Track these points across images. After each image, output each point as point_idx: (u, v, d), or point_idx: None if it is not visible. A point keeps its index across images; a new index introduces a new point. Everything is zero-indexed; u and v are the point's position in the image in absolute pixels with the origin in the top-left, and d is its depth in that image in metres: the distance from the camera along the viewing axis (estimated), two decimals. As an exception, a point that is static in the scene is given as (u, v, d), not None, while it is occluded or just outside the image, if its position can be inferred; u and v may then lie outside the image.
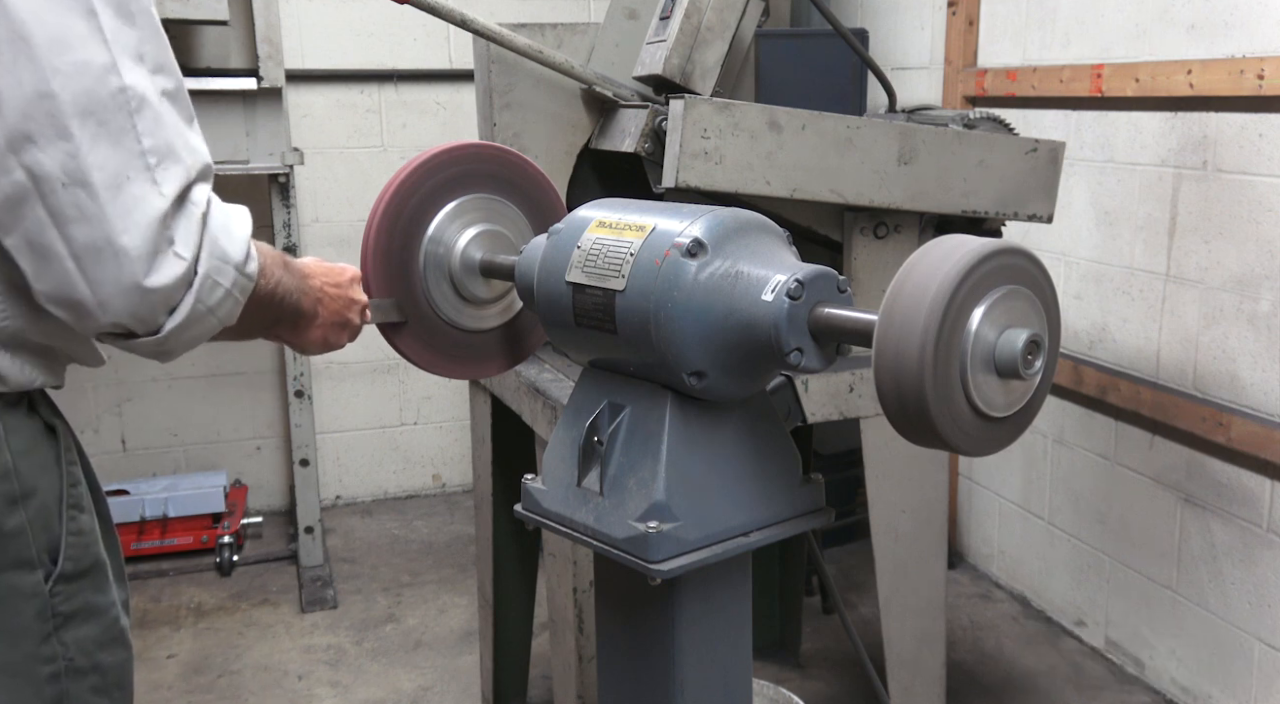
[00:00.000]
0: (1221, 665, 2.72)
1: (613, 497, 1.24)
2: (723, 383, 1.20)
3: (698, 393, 1.21)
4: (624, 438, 1.25)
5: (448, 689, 3.04)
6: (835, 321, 1.12)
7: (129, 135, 1.01)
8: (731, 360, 1.19)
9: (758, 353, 1.16)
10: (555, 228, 1.34)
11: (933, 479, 2.36)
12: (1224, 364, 2.61)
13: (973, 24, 3.40)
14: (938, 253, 1.03)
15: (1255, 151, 2.49)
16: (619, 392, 1.28)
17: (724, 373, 1.19)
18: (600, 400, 1.29)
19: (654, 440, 1.22)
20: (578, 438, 1.29)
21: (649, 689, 1.30)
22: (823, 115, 2.02)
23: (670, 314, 1.16)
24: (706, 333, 1.17)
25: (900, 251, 2.18)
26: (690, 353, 1.17)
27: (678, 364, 1.18)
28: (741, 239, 1.19)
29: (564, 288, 1.28)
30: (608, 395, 1.29)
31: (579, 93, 2.28)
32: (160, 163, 1.03)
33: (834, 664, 3.10)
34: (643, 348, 1.21)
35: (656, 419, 1.23)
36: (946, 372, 1.01)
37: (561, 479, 1.31)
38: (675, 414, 1.22)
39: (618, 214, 1.28)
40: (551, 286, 1.30)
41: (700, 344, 1.17)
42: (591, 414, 1.28)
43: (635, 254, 1.21)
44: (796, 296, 1.12)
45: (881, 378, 1.03)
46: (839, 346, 1.16)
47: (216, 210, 1.10)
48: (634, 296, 1.19)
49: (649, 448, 1.22)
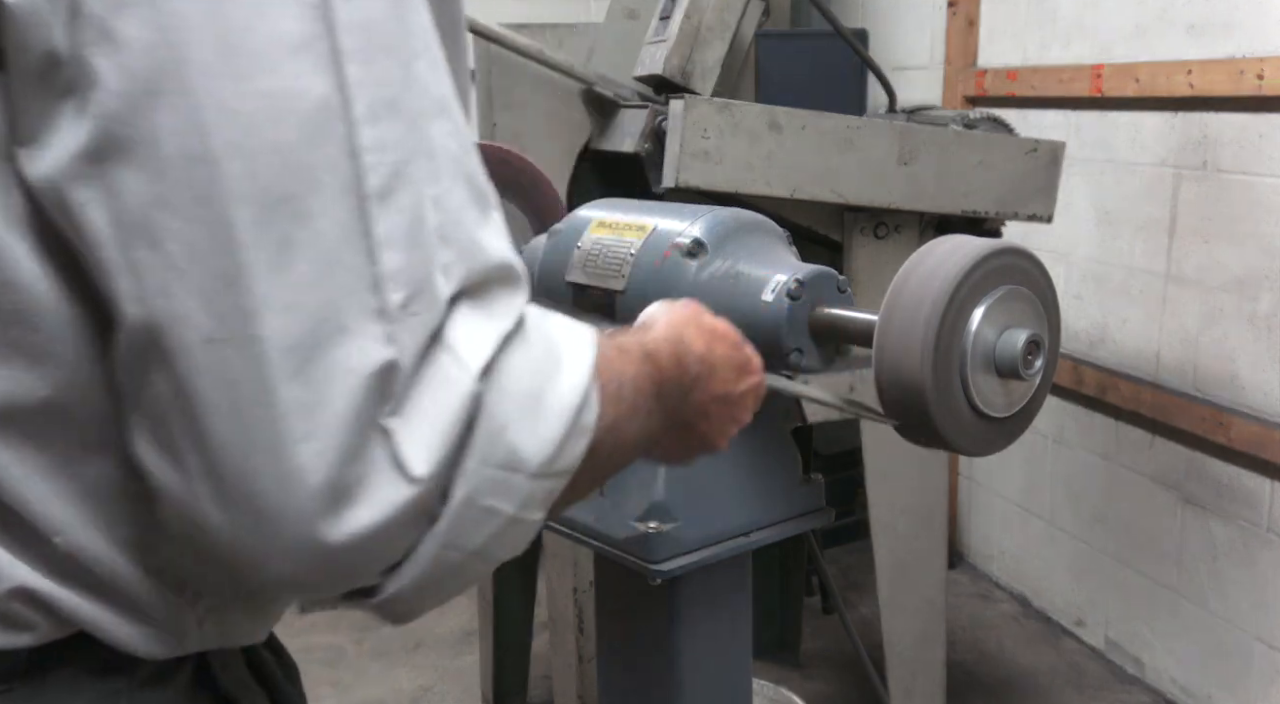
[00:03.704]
0: (1221, 665, 2.71)
1: (613, 496, 1.24)
2: (723, 383, 1.20)
3: (698, 393, 1.21)
4: (624, 438, 1.25)
5: (448, 689, 3.04)
6: (835, 322, 1.12)
7: (355, 247, 0.54)
8: (731, 360, 1.18)
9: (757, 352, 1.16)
10: (555, 228, 1.34)
11: (933, 479, 2.36)
12: (1224, 364, 2.61)
13: (973, 24, 3.40)
14: (938, 253, 1.03)
15: (1255, 151, 2.49)
16: (619, 392, 1.28)
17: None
18: (600, 400, 1.29)
19: (654, 440, 1.22)
20: (578, 438, 1.29)
21: (649, 689, 1.30)
22: (823, 115, 2.02)
23: (670, 314, 1.16)
24: (706, 333, 1.17)
25: (900, 251, 2.18)
26: (690, 353, 1.17)
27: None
28: (741, 239, 1.19)
29: (564, 288, 1.28)
30: (608, 395, 1.29)
31: (579, 93, 2.28)
32: (411, 299, 0.55)
33: (834, 664, 3.10)
34: (643, 348, 1.20)
35: (656, 419, 1.23)
36: (946, 371, 1.01)
37: (561, 479, 1.31)
38: (675, 414, 1.22)
39: (618, 214, 1.28)
40: (552, 287, 1.30)
41: (700, 344, 1.17)
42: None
43: (635, 254, 1.21)
44: (797, 297, 1.12)
45: (881, 378, 1.03)
46: (839, 347, 1.16)
47: (514, 362, 0.60)
48: (634, 297, 1.19)
49: (649, 448, 1.22)
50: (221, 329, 0.52)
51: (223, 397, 0.53)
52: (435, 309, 0.56)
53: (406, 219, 0.55)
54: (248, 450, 0.53)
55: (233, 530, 0.55)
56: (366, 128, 0.54)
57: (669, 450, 0.90)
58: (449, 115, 0.58)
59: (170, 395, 0.54)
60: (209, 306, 0.52)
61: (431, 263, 0.56)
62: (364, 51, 0.54)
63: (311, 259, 0.53)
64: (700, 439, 0.89)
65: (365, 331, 0.54)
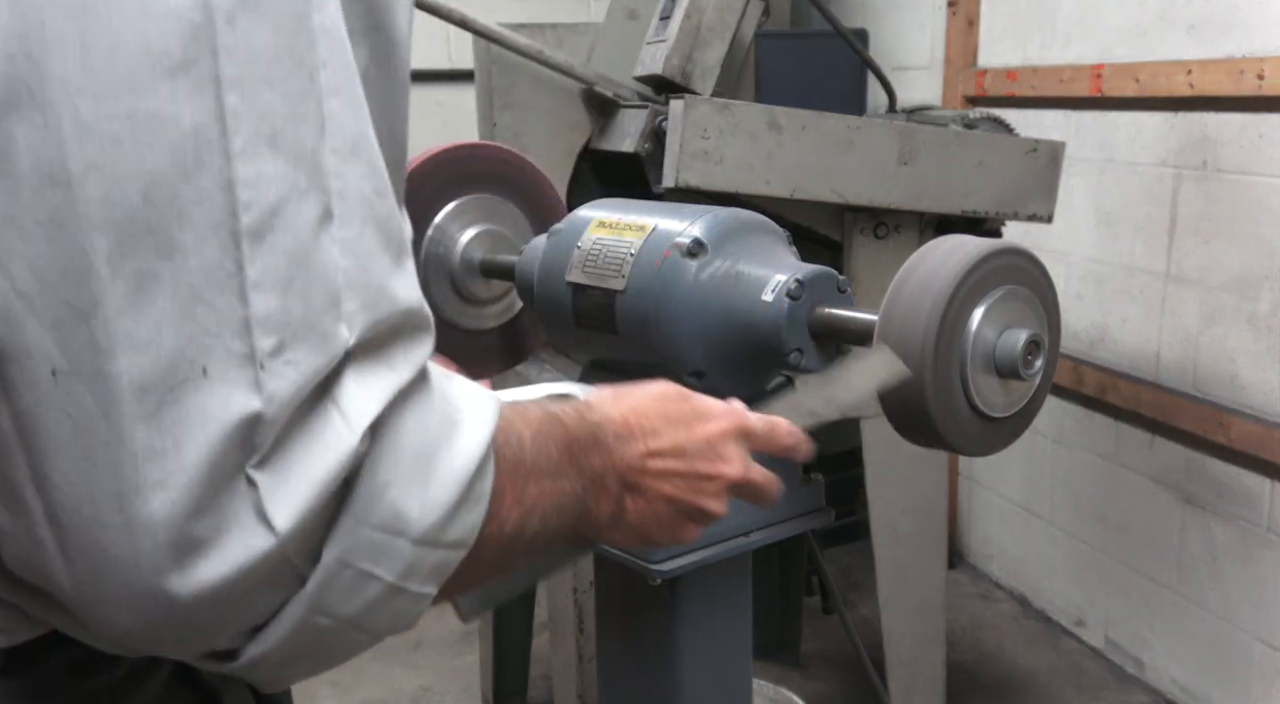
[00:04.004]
0: (1221, 665, 2.72)
1: (613, 497, 1.24)
2: (723, 383, 1.20)
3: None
4: (624, 438, 1.25)
5: (448, 689, 3.04)
6: (835, 322, 1.12)
7: (222, 287, 0.50)
8: (731, 360, 1.18)
9: (758, 353, 1.16)
10: (555, 228, 1.34)
11: (933, 479, 2.36)
12: (1224, 364, 2.61)
13: (973, 24, 3.40)
14: (938, 253, 1.03)
15: (1255, 151, 2.49)
16: (619, 392, 1.28)
17: (724, 373, 1.19)
18: (600, 400, 1.29)
19: (654, 440, 1.22)
20: (578, 438, 1.29)
21: (649, 689, 1.30)
22: (823, 115, 2.02)
23: (670, 314, 1.16)
24: (706, 333, 1.17)
25: (900, 251, 2.18)
26: (690, 353, 1.17)
27: (678, 364, 1.18)
28: (741, 239, 1.19)
29: (564, 288, 1.28)
30: (608, 395, 1.29)
31: (579, 93, 2.28)
32: (284, 346, 0.52)
33: (834, 664, 3.10)
34: (643, 348, 1.20)
35: (656, 419, 1.23)
36: (946, 371, 1.01)
37: (561, 479, 1.31)
38: (675, 414, 1.22)
39: (618, 214, 1.28)
40: (551, 287, 1.30)
41: (700, 344, 1.17)
42: (591, 414, 1.28)
43: (635, 254, 1.21)
44: (797, 297, 1.12)
45: (881, 378, 1.03)
46: (839, 347, 1.16)
47: (407, 421, 0.57)
48: (634, 297, 1.19)
49: (649, 448, 1.22)
50: (71, 363, 0.48)
51: (68, 435, 0.49)
52: (323, 356, 0.52)
53: (284, 260, 0.51)
54: (93, 493, 0.49)
55: (75, 579, 0.51)
56: (243, 162, 0.50)
57: (634, 526, 0.79)
58: (363, 156, 0.55)
59: (11, 429, 0.50)
60: (58, 338, 0.48)
61: (318, 309, 0.52)
62: (249, 81, 0.50)
63: (173, 296, 0.49)
64: (668, 505, 0.80)
65: (229, 377, 0.50)
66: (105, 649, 0.59)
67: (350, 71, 0.54)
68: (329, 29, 0.53)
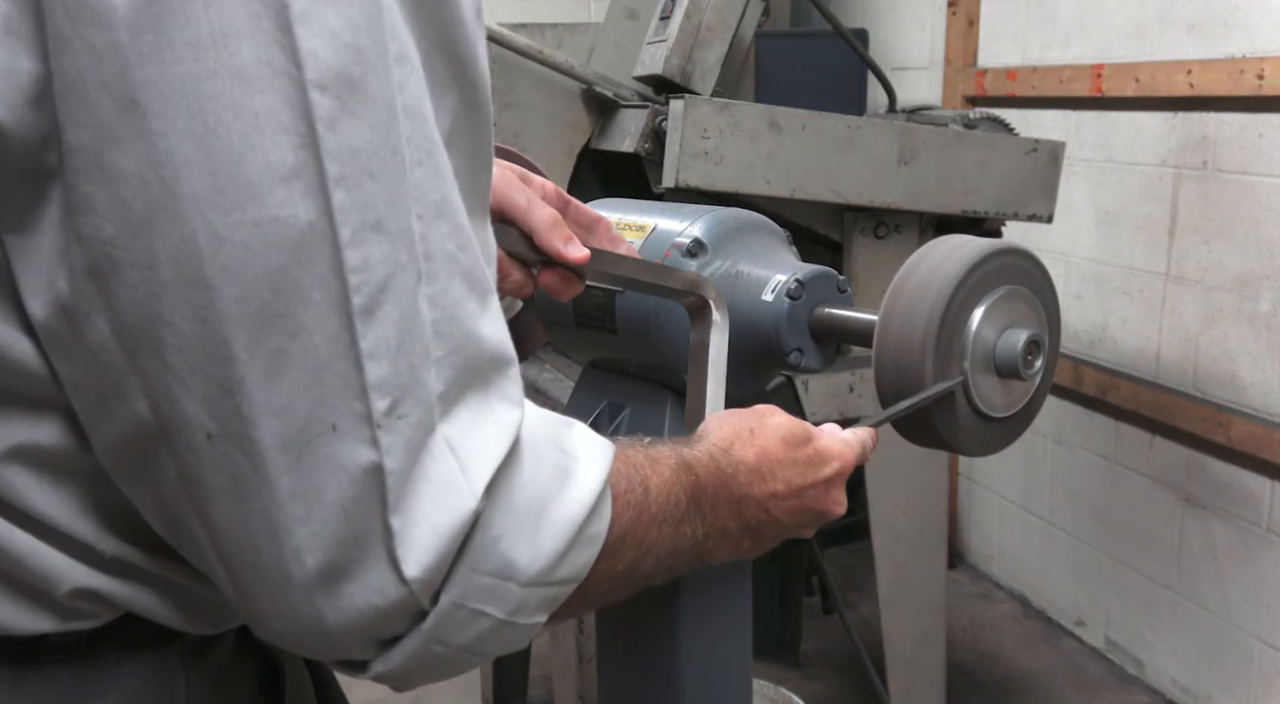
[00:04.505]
0: (1221, 665, 2.72)
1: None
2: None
3: (698, 393, 1.21)
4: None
5: (448, 689, 3.04)
6: (835, 322, 1.12)
7: (343, 357, 0.56)
8: (731, 360, 1.18)
9: (758, 353, 1.16)
10: (555, 228, 1.34)
11: (933, 479, 2.36)
12: (1224, 364, 2.61)
13: (973, 24, 3.40)
14: (938, 253, 1.03)
15: (1255, 151, 2.49)
16: (619, 392, 1.28)
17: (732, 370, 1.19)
18: (600, 400, 1.29)
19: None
20: (578, 438, 1.29)
21: (649, 689, 1.30)
22: (823, 115, 2.02)
23: (670, 314, 1.16)
24: (706, 333, 1.17)
25: (900, 251, 2.18)
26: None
27: (678, 364, 1.18)
28: (741, 239, 1.19)
29: (564, 288, 1.28)
30: (608, 395, 1.29)
31: (579, 93, 2.28)
32: (396, 405, 0.58)
33: (834, 664, 3.10)
34: (643, 348, 1.20)
35: (656, 419, 1.23)
36: (946, 372, 1.01)
37: (561, 479, 1.31)
38: (675, 414, 1.22)
39: (618, 214, 1.28)
40: (551, 287, 1.30)
41: (700, 344, 1.17)
42: (591, 414, 1.28)
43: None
44: (797, 297, 1.12)
45: (881, 378, 1.03)
46: (839, 347, 1.16)
47: (520, 477, 0.63)
48: (634, 297, 1.19)
49: (649, 448, 1.22)
50: (222, 429, 0.56)
51: (226, 484, 0.57)
52: (424, 406, 0.59)
53: (392, 331, 0.57)
54: (250, 530, 0.57)
55: (239, 593, 0.60)
56: (351, 250, 0.56)
57: (738, 555, 0.88)
58: (448, 217, 0.60)
59: (176, 480, 0.58)
60: (210, 410, 0.56)
61: (420, 366, 0.59)
62: (350, 177, 0.56)
63: (303, 369, 0.56)
64: (774, 537, 0.89)
65: (354, 433, 0.57)
66: (262, 638, 0.68)
67: (431, 141, 0.60)
68: (411, 108, 0.58)
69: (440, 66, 0.61)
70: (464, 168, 0.63)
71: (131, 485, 0.61)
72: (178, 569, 0.67)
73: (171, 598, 0.68)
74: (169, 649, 0.70)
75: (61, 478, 0.63)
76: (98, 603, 0.66)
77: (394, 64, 0.57)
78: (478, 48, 0.63)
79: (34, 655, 0.66)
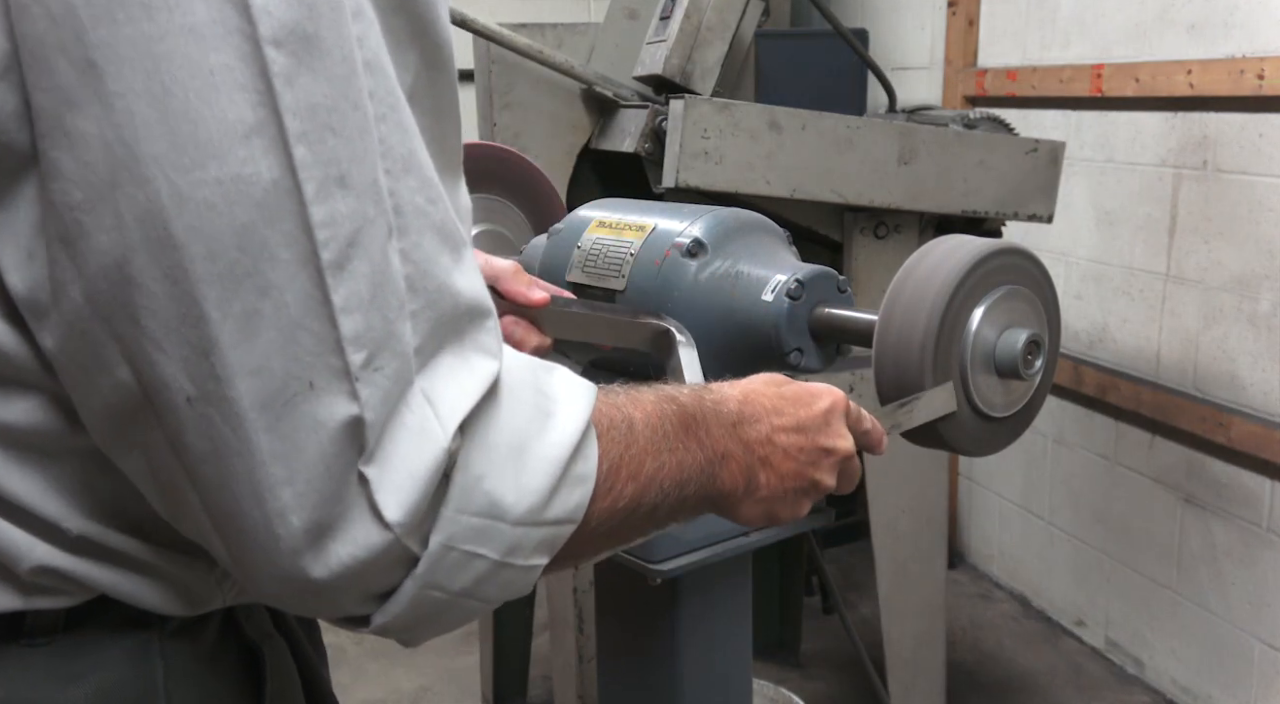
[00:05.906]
0: (1221, 665, 2.72)
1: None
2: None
3: (698, 393, 1.21)
4: (624, 438, 1.25)
5: (447, 689, 3.04)
6: (835, 322, 1.12)
7: (315, 314, 0.57)
8: (731, 360, 1.18)
9: (758, 353, 1.16)
10: (555, 228, 1.34)
11: (933, 479, 2.36)
12: (1224, 364, 2.61)
13: (973, 24, 3.40)
14: (938, 253, 1.03)
15: (1255, 151, 2.49)
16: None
17: (723, 373, 1.19)
18: (600, 400, 1.29)
19: (654, 440, 1.22)
20: (578, 438, 1.29)
21: (649, 689, 1.30)
22: (823, 115, 2.03)
23: (670, 314, 1.16)
24: (706, 333, 1.17)
25: (900, 251, 2.18)
26: (690, 353, 1.17)
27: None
28: (741, 239, 1.19)
29: (564, 288, 1.28)
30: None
31: (579, 93, 2.28)
32: (373, 357, 0.58)
33: (834, 664, 3.10)
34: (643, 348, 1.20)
35: (656, 419, 1.23)
36: (946, 372, 1.01)
37: (561, 479, 1.31)
38: (675, 414, 1.22)
39: (618, 214, 1.28)
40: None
41: (700, 344, 1.17)
42: (591, 414, 1.28)
43: (635, 254, 1.21)
44: (796, 297, 1.12)
45: (881, 378, 1.03)
46: (839, 347, 1.16)
47: (497, 416, 0.63)
48: (634, 297, 1.19)
49: (649, 448, 1.22)
50: (200, 391, 0.56)
51: (208, 447, 0.57)
52: (401, 358, 0.59)
53: (364, 284, 0.58)
54: (235, 493, 0.57)
55: (233, 556, 0.60)
56: (317, 206, 0.56)
57: (766, 499, 0.85)
58: (415, 171, 0.60)
59: (165, 445, 0.58)
60: (187, 372, 0.56)
61: (394, 319, 0.59)
62: (311, 133, 0.56)
63: (276, 327, 0.56)
64: (793, 480, 0.86)
65: (331, 388, 0.57)
66: (266, 604, 0.68)
67: (394, 96, 0.60)
68: (371, 62, 0.58)
69: (400, 25, 0.61)
70: (431, 126, 0.63)
71: (124, 457, 0.61)
72: (148, 549, 0.66)
73: (143, 578, 0.67)
74: (149, 633, 0.69)
75: (30, 456, 0.63)
76: (64, 581, 0.65)
77: (350, 19, 0.57)
78: (439, 8, 0.63)
79: (12, 636, 0.66)
